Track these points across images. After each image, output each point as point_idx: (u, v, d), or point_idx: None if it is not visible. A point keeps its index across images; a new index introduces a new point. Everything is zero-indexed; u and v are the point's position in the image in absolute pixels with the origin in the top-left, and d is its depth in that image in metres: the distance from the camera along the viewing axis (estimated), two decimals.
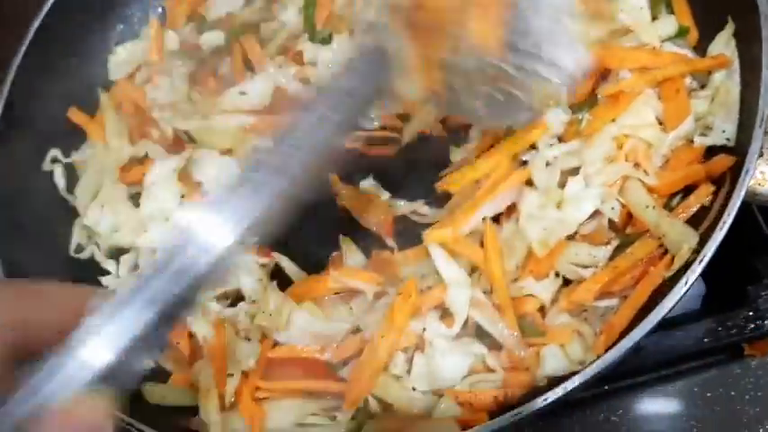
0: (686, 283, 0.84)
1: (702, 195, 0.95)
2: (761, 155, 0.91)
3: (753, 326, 1.03)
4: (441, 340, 0.93)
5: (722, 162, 0.94)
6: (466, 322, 0.95)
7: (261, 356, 1.00)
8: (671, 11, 1.09)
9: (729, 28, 1.01)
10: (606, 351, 0.84)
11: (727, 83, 0.99)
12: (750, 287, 1.05)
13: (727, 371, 1.03)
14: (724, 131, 0.96)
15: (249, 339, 1.01)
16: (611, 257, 0.95)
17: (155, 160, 1.15)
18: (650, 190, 0.97)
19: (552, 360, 0.91)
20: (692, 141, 1.00)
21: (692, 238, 0.91)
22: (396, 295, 0.97)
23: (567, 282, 0.97)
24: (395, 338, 0.94)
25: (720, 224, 0.86)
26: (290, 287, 1.05)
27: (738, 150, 0.93)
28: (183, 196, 1.11)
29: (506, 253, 0.97)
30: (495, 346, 0.94)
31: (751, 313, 1.03)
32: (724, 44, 1.01)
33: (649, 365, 1.04)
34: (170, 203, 1.11)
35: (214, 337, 1.01)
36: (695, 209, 0.95)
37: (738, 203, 0.87)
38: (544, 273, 0.95)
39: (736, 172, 0.89)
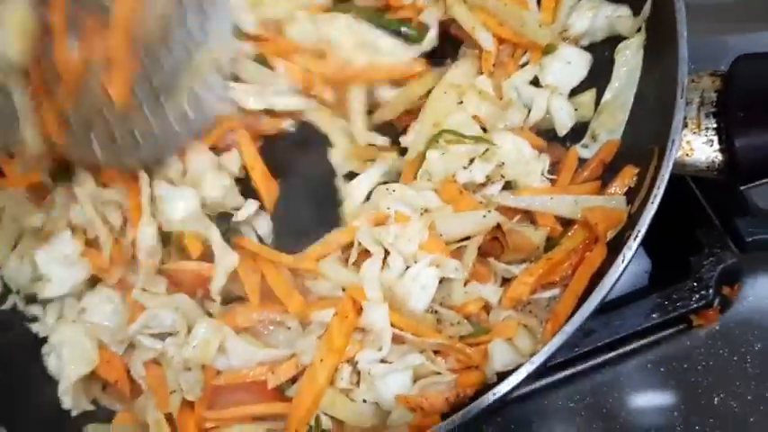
0: (623, 260, 0.84)
1: (627, 177, 0.96)
2: (685, 125, 0.91)
3: (698, 296, 1.03)
4: (375, 366, 0.91)
5: (609, 148, 0.99)
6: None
7: (205, 385, 0.96)
8: None
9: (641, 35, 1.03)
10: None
11: (613, 105, 1.02)
12: (692, 258, 1.05)
13: (678, 344, 1.04)
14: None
15: (189, 369, 0.97)
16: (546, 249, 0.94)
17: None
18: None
19: (501, 355, 0.89)
20: None
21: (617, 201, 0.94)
22: (332, 317, 0.94)
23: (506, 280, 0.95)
24: (334, 361, 0.92)
25: (651, 198, 0.86)
26: (217, 315, 1.01)
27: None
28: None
29: None
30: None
31: (695, 284, 1.03)
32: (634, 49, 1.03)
33: (602, 347, 1.03)
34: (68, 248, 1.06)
35: (151, 371, 0.98)
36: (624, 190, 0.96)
37: (667, 175, 0.86)
38: (487, 276, 0.93)
39: (662, 145, 0.89)
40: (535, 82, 1.11)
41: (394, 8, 1.14)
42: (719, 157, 0.90)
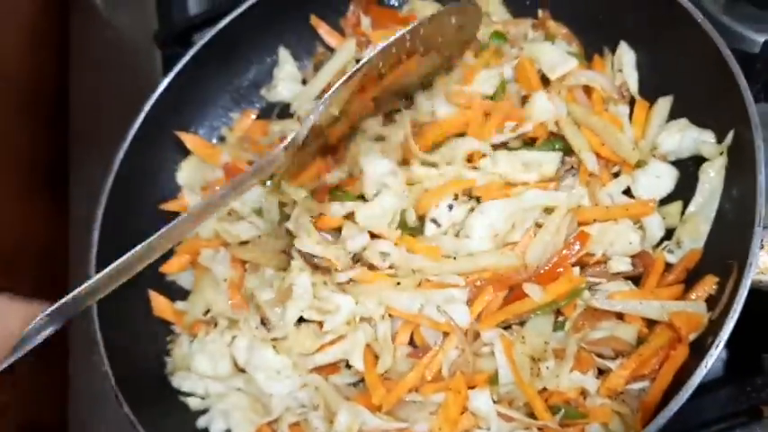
0: (706, 366, 0.98)
1: (708, 286, 1.11)
2: (762, 247, 1.06)
3: None
4: None
5: (692, 256, 1.15)
6: None
7: None
8: None
9: (723, 158, 1.17)
10: (644, 427, 1.00)
11: (697, 217, 1.17)
12: (765, 355, 1.18)
13: None
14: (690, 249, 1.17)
15: None
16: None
17: None
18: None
19: None
20: None
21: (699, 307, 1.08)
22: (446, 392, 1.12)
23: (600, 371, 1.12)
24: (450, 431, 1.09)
25: (731, 312, 1.00)
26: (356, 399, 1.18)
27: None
28: None
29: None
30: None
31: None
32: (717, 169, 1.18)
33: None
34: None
35: None
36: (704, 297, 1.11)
37: (745, 294, 1.01)
38: (587, 367, 1.10)
39: (740, 264, 1.03)
40: (627, 192, 1.27)
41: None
42: None
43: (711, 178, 1.19)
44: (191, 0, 1.80)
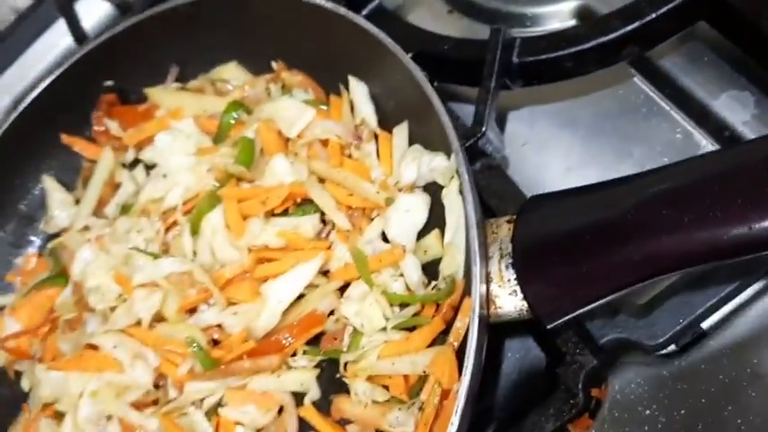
0: (456, 416, 0.90)
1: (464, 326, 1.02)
2: (491, 280, 0.99)
3: (570, 404, 1.08)
4: None
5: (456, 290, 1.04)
6: None
7: None
8: None
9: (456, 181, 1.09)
10: None
11: (452, 246, 1.08)
12: (559, 369, 1.10)
13: None
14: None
15: None
16: None
17: None
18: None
19: None
20: None
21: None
22: None
23: None
24: None
25: (468, 354, 0.92)
26: None
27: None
28: None
29: None
30: None
31: (565, 394, 1.09)
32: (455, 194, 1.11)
33: None
34: None
35: None
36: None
37: (476, 332, 0.93)
38: None
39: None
40: None
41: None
42: (525, 305, 0.96)
43: (452, 204, 1.12)
44: None
